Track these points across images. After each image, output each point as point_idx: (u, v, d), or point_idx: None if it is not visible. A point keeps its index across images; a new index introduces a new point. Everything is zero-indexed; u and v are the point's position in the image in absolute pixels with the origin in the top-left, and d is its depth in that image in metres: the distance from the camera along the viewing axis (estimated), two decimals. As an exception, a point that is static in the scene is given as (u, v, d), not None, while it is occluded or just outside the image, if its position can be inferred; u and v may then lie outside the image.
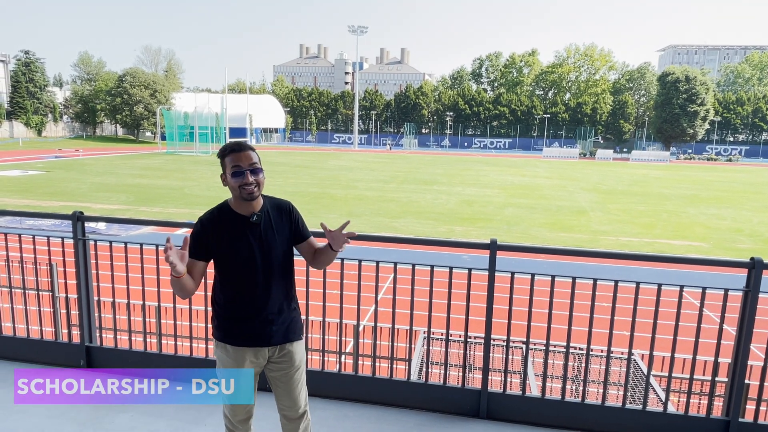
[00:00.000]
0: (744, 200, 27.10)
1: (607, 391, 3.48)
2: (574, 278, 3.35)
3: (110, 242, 3.94)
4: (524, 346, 3.80)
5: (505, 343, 3.69)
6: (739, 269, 3.21)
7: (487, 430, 3.44)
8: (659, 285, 3.29)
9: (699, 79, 68.31)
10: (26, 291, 4.29)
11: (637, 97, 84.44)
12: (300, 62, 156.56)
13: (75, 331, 4.17)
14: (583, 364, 3.94)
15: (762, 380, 3.30)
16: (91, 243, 4.01)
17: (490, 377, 3.56)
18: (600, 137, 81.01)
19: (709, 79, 74.84)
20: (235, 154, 2.32)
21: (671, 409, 3.49)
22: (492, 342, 3.62)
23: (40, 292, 4.81)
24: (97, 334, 4.11)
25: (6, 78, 67.55)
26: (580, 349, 5.85)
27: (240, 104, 71.03)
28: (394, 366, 3.93)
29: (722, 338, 3.21)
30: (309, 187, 27.54)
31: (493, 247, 3.36)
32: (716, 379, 3.38)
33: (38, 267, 4.28)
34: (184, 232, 2.46)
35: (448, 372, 3.70)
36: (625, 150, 76.19)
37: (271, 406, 2.69)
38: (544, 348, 3.61)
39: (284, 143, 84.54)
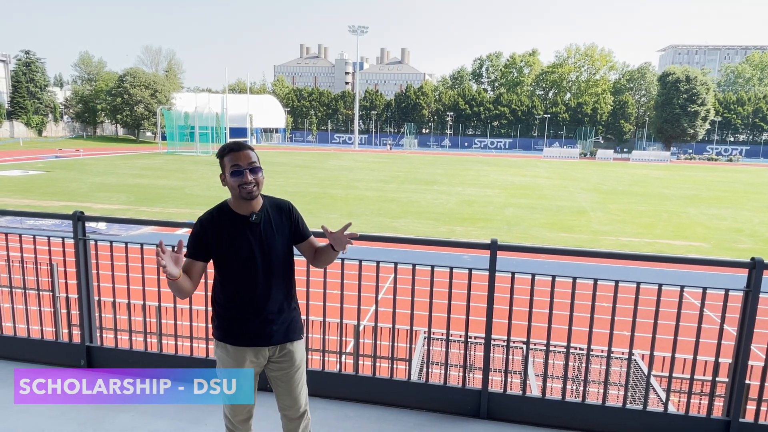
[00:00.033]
0: (744, 200, 27.10)
1: (607, 391, 3.47)
2: (574, 278, 3.35)
3: (111, 242, 3.94)
4: (525, 346, 3.80)
5: (505, 343, 3.69)
6: (739, 269, 3.21)
7: (488, 430, 3.44)
8: (660, 285, 3.29)
9: (699, 79, 68.30)
10: (27, 291, 4.29)
11: (637, 97, 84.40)
12: (300, 62, 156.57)
13: (75, 331, 4.18)
14: (584, 364, 3.94)
15: (763, 380, 3.30)
16: (92, 243, 4.02)
17: (490, 377, 3.56)
18: (600, 137, 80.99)
19: (710, 79, 74.86)
20: (234, 154, 2.33)
21: (672, 409, 3.49)
22: (492, 342, 3.62)
23: (41, 292, 4.82)
24: (98, 334, 4.12)
25: (6, 78, 67.57)
26: (581, 349, 5.85)
27: (240, 104, 71.05)
28: (395, 366, 3.93)
29: (723, 338, 3.21)
30: (309, 187, 27.55)
31: (493, 247, 3.36)
32: (717, 379, 3.38)
33: (39, 267, 4.28)
34: (185, 232, 2.47)
35: (448, 372, 3.70)
36: (625, 150, 76.19)
37: (272, 406, 2.69)
38: (545, 348, 3.61)
39: (284, 143, 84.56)
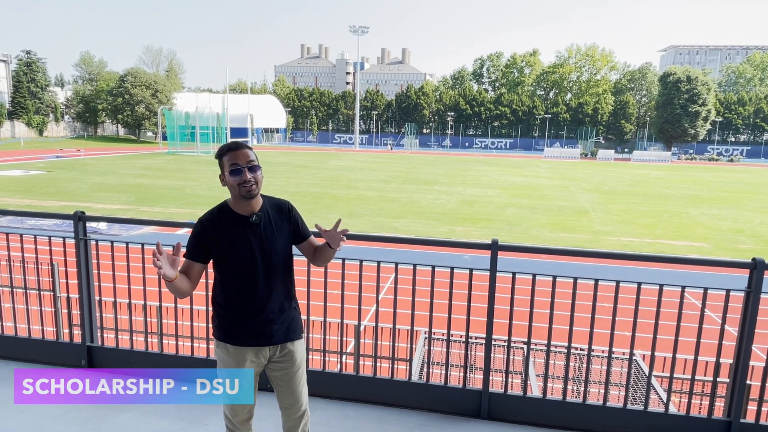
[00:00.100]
0: (745, 201, 27.08)
1: (608, 391, 3.47)
2: (575, 278, 3.34)
3: (111, 242, 3.94)
4: (525, 346, 3.80)
5: (506, 344, 3.69)
6: (740, 270, 3.21)
7: (488, 431, 3.44)
8: (661, 285, 3.28)
9: (700, 79, 68.25)
10: (27, 291, 4.29)
11: (638, 97, 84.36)
12: (301, 62, 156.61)
13: (76, 331, 4.18)
14: (585, 365, 3.94)
15: (764, 381, 3.29)
16: (93, 243, 4.02)
17: (491, 377, 3.56)
18: (601, 137, 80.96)
19: (711, 79, 74.80)
20: (233, 153, 2.34)
21: (673, 409, 3.49)
22: (493, 342, 3.62)
23: (42, 292, 4.83)
24: (99, 334, 4.12)
25: (8, 78, 67.64)
26: (582, 349, 5.85)
27: (241, 104, 71.08)
28: (395, 366, 3.93)
29: (724, 339, 3.20)
30: (310, 187, 27.56)
31: (494, 248, 3.36)
32: (718, 379, 3.38)
33: (40, 267, 4.29)
34: (185, 232, 2.47)
35: (449, 372, 3.69)
36: (626, 150, 76.18)
37: (272, 406, 2.69)
38: (546, 348, 3.61)
39: (285, 143, 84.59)
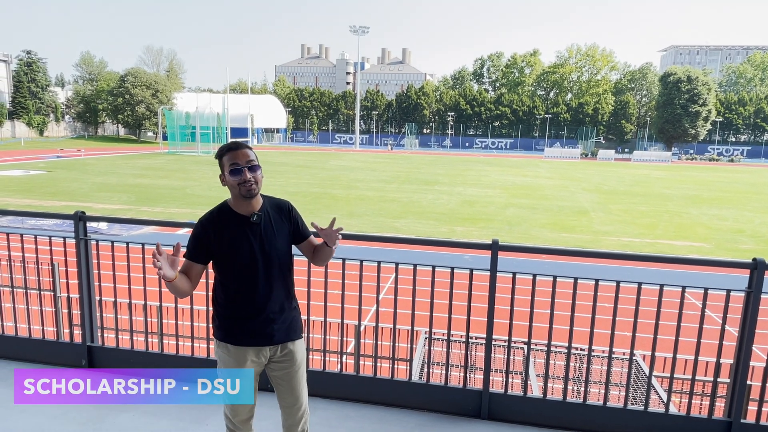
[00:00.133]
0: (746, 201, 27.07)
1: (608, 391, 3.47)
2: (575, 279, 3.34)
3: (112, 242, 3.94)
4: (526, 346, 3.80)
5: (506, 344, 3.69)
6: (741, 270, 3.20)
7: (489, 431, 3.44)
8: (661, 286, 3.28)
9: (701, 79, 68.21)
10: (28, 290, 4.29)
11: (638, 97, 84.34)
12: (301, 62, 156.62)
13: (77, 331, 4.18)
14: (585, 365, 3.94)
15: (764, 381, 3.29)
16: (93, 243, 4.02)
17: (491, 378, 3.56)
18: (602, 137, 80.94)
19: (711, 79, 74.74)
20: (232, 153, 2.35)
21: (673, 409, 3.49)
22: (493, 342, 3.61)
23: (42, 292, 4.83)
24: (99, 334, 4.12)
25: (8, 78, 67.67)
26: (582, 349, 5.85)
27: (241, 104, 71.09)
28: (396, 366, 3.93)
29: (724, 339, 3.20)
30: (310, 187, 27.57)
31: (494, 248, 3.36)
32: (718, 380, 3.37)
33: (40, 267, 4.29)
34: (186, 232, 2.47)
35: (449, 372, 3.69)
36: (626, 150, 76.15)
37: (272, 406, 2.69)
38: (546, 348, 3.61)
39: (285, 143, 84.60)
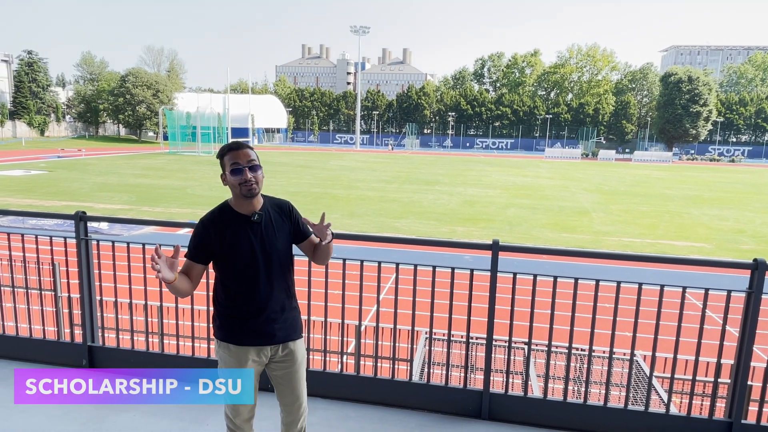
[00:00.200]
0: (747, 201, 27.05)
1: (609, 392, 3.47)
2: (576, 279, 3.34)
3: (112, 242, 3.94)
4: (526, 346, 3.80)
5: (507, 344, 3.69)
6: (741, 270, 3.20)
7: (489, 431, 3.44)
8: (662, 286, 3.28)
9: (702, 79, 68.18)
10: (29, 290, 4.30)
11: (639, 97, 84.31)
12: (302, 62, 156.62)
13: (77, 331, 4.18)
14: (585, 365, 3.94)
15: (765, 382, 3.29)
16: (94, 243, 4.02)
17: (491, 378, 3.56)
18: (602, 138, 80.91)
19: (712, 79, 74.67)
20: (234, 152, 2.36)
21: (673, 410, 3.49)
22: (494, 343, 3.61)
23: (43, 292, 4.83)
24: (100, 334, 4.12)
25: (9, 78, 67.73)
26: (582, 350, 5.85)
27: (242, 104, 71.12)
28: (396, 366, 3.93)
29: (725, 339, 3.20)
30: (311, 187, 27.57)
31: (495, 248, 3.36)
32: (719, 380, 3.37)
33: (41, 267, 4.29)
34: (186, 232, 2.47)
35: (449, 372, 3.69)
36: (627, 150, 76.11)
37: (272, 406, 2.69)
38: (546, 349, 3.61)
39: (286, 143, 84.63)
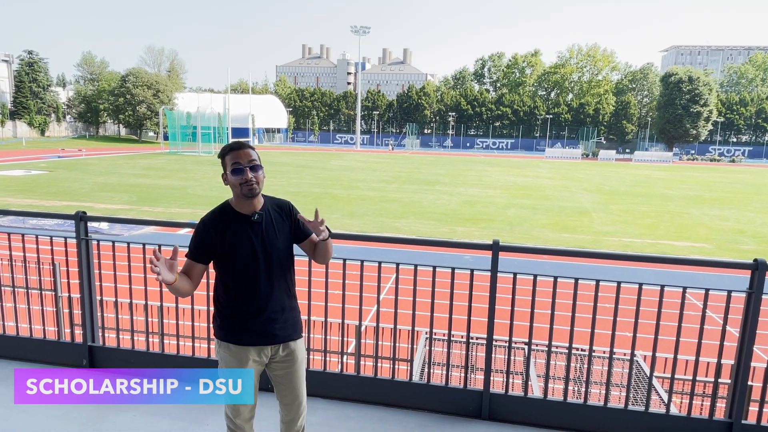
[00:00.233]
0: (747, 201, 27.04)
1: (609, 392, 3.47)
2: (576, 279, 3.34)
3: (113, 242, 3.94)
4: (526, 347, 3.80)
5: (507, 344, 3.69)
6: (742, 270, 3.20)
7: (489, 431, 3.44)
8: (662, 286, 3.28)
9: (702, 79, 68.15)
10: (29, 290, 4.30)
11: (639, 97, 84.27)
12: (302, 62, 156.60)
13: (78, 331, 4.18)
14: (586, 365, 3.93)
15: (765, 382, 3.29)
16: (94, 243, 4.02)
17: (492, 378, 3.56)
18: (602, 138, 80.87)
19: (713, 79, 74.63)
20: (235, 152, 2.36)
21: (674, 410, 3.49)
22: (494, 343, 3.61)
23: (43, 292, 4.83)
24: (100, 334, 4.12)
25: (9, 78, 67.77)
26: (583, 350, 5.84)
27: (242, 104, 71.13)
28: (396, 366, 3.93)
29: (725, 340, 3.20)
30: (311, 187, 27.57)
31: (495, 248, 3.36)
32: (719, 380, 3.37)
33: (41, 267, 4.29)
34: (187, 232, 2.47)
35: (450, 373, 3.69)
36: (627, 151, 76.07)
37: (272, 406, 2.69)
38: (547, 349, 3.61)
39: (286, 143, 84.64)
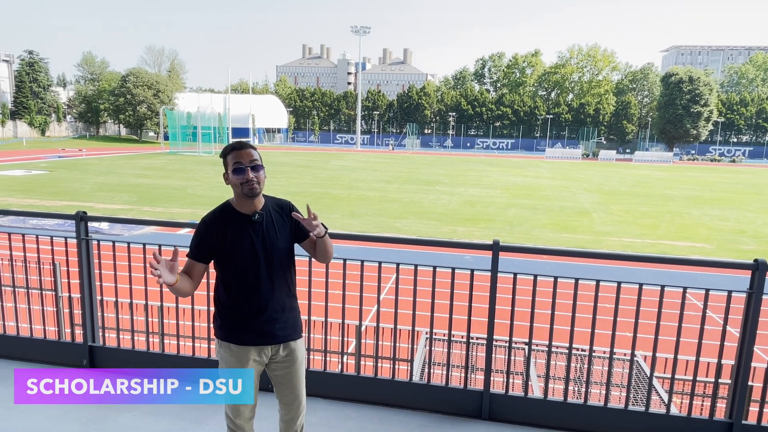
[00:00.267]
0: (747, 201, 27.03)
1: (609, 392, 3.47)
2: (576, 279, 3.34)
3: (113, 242, 3.94)
4: (526, 347, 3.80)
5: (507, 344, 3.68)
6: (742, 271, 3.20)
7: (489, 431, 3.43)
8: (662, 286, 3.28)
9: (702, 79, 68.12)
10: (29, 290, 4.30)
11: (640, 97, 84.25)
12: (303, 62, 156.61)
13: (78, 331, 4.18)
14: (586, 366, 3.93)
15: (766, 382, 3.29)
16: (94, 243, 4.02)
17: (492, 378, 3.56)
18: (603, 138, 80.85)
19: (713, 79, 74.57)
20: (236, 152, 2.37)
21: (674, 410, 3.49)
22: (494, 343, 3.61)
23: (44, 292, 4.83)
24: (100, 334, 4.12)
25: (10, 78, 67.79)
26: (583, 350, 5.84)
27: (243, 104, 71.14)
28: (397, 366, 3.93)
29: (725, 340, 3.20)
30: (311, 187, 27.58)
31: (495, 248, 3.36)
32: (719, 380, 3.37)
33: (41, 266, 4.29)
34: (187, 232, 2.47)
35: (450, 373, 3.69)
36: (628, 151, 76.04)
37: (272, 407, 2.69)
38: (547, 349, 3.61)
39: (287, 143, 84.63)
